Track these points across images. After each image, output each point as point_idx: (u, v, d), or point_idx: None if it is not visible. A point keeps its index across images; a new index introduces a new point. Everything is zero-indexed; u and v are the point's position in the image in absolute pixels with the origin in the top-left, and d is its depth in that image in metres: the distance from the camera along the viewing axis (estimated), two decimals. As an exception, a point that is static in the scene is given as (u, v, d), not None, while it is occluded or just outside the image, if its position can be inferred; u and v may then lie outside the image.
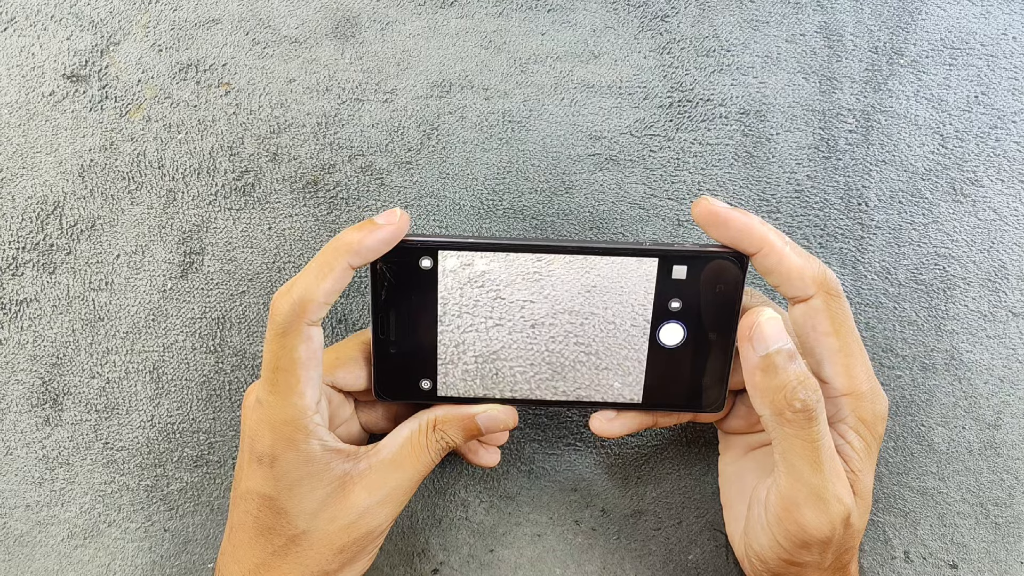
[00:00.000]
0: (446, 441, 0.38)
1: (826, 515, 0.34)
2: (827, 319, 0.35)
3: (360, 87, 0.44)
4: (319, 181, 0.44)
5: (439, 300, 0.36)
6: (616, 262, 0.36)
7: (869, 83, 0.44)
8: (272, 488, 0.35)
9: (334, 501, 0.36)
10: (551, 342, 0.37)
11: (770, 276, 0.35)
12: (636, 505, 0.45)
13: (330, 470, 0.36)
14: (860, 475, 0.35)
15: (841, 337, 0.35)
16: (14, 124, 0.44)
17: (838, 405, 0.35)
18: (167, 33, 0.44)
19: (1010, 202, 0.44)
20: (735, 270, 0.35)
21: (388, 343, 0.37)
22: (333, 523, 0.36)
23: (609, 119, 0.44)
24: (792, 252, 0.34)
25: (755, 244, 0.34)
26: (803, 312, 0.35)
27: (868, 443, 0.35)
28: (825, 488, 0.34)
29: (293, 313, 0.34)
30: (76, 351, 0.44)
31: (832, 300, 0.35)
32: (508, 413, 0.38)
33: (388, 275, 0.36)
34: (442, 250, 0.35)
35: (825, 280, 0.34)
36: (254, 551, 0.36)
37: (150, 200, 0.44)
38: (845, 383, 0.35)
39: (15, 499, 0.45)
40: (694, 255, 0.35)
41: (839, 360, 0.35)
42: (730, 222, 0.34)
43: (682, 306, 0.36)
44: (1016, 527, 0.45)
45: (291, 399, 0.35)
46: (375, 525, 0.37)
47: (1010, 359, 0.44)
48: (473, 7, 0.44)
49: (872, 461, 0.36)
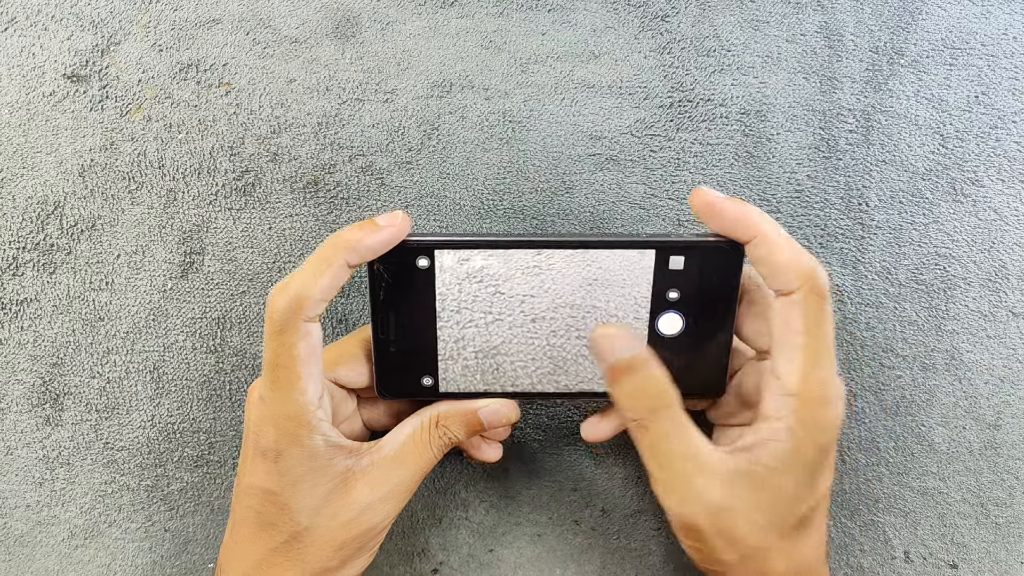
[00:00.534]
0: (449, 437, 0.38)
1: (684, 504, 0.34)
2: (801, 316, 0.34)
3: (360, 87, 0.44)
4: (319, 181, 0.44)
5: (437, 297, 0.36)
6: (614, 254, 0.36)
7: (870, 83, 0.44)
8: (275, 483, 0.35)
9: (336, 497, 0.36)
10: (551, 336, 0.37)
11: (759, 266, 0.34)
12: (636, 505, 0.45)
13: (333, 466, 0.36)
14: (769, 471, 0.34)
15: (809, 338, 0.34)
16: (14, 124, 0.44)
17: (782, 403, 0.34)
18: (167, 33, 0.44)
19: (1010, 202, 0.44)
20: (732, 259, 0.36)
21: (388, 342, 0.37)
22: (335, 519, 0.36)
23: (609, 119, 0.44)
24: (785, 245, 0.34)
25: (748, 233, 0.34)
26: (782, 304, 0.34)
27: (799, 446, 0.34)
28: (676, 479, 0.34)
29: (290, 310, 0.34)
30: (76, 351, 0.44)
31: (813, 299, 0.34)
32: (510, 407, 0.38)
33: (385, 275, 0.36)
34: (438, 249, 0.36)
35: (812, 277, 0.34)
36: (256, 546, 0.36)
37: (150, 200, 0.44)
38: (796, 384, 0.34)
39: (15, 499, 0.45)
40: (691, 245, 0.36)
41: (799, 360, 0.34)
42: (724, 211, 0.34)
43: (680, 296, 0.36)
44: (1016, 527, 0.45)
45: (293, 395, 0.35)
46: (377, 521, 0.37)
47: (1010, 359, 0.44)
48: (473, 7, 0.44)
49: (800, 466, 0.34)
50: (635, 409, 0.35)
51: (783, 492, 0.34)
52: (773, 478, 0.34)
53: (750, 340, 0.38)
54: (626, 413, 0.35)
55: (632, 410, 0.35)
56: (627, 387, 0.35)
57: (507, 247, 0.36)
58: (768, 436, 0.34)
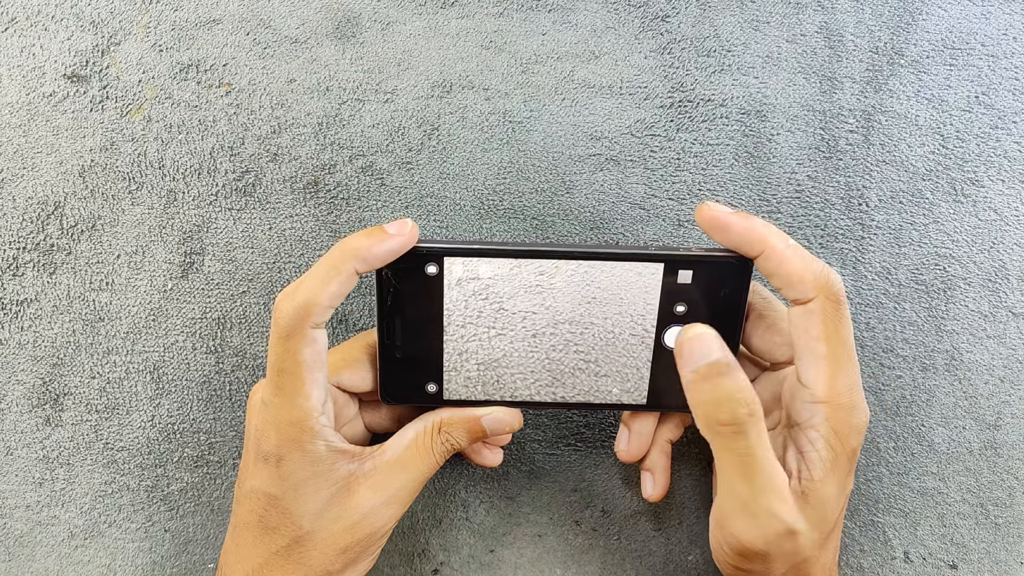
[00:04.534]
0: (451, 443, 0.38)
1: (757, 529, 0.34)
2: (820, 324, 0.34)
3: (361, 87, 0.44)
4: (320, 181, 0.44)
5: (444, 305, 0.36)
6: (622, 267, 0.36)
7: (870, 83, 0.44)
8: (277, 488, 0.35)
9: (339, 501, 0.36)
10: (551, 350, 0.37)
11: (771, 279, 0.35)
12: (636, 506, 0.45)
13: (335, 471, 0.36)
14: (819, 484, 0.34)
15: (831, 344, 0.34)
16: (14, 124, 0.44)
17: (814, 411, 0.35)
18: (168, 33, 0.44)
19: (1011, 202, 0.44)
20: (740, 273, 0.36)
21: (394, 347, 0.37)
22: (337, 523, 0.36)
23: (610, 119, 0.44)
24: (794, 255, 0.34)
25: (756, 247, 0.34)
26: (799, 314, 0.35)
27: (837, 454, 0.35)
28: (755, 502, 0.33)
29: (297, 316, 0.34)
30: (76, 351, 0.44)
31: (830, 306, 0.34)
32: (513, 415, 0.38)
33: (393, 281, 0.36)
34: (447, 256, 0.36)
35: (827, 284, 0.34)
36: (257, 550, 0.36)
37: (151, 200, 0.44)
38: (824, 391, 0.34)
39: (15, 499, 0.45)
40: (699, 260, 0.36)
41: (823, 367, 0.34)
42: (731, 227, 0.34)
43: (687, 310, 0.36)
44: (1016, 527, 0.45)
45: (296, 401, 0.35)
46: (379, 526, 0.36)
47: (1010, 359, 0.44)
48: (474, 7, 0.44)
49: (839, 472, 0.35)
50: (726, 416, 0.33)
51: (828, 502, 0.35)
52: (821, 490, 0.34)
53: (763, 353, 0.38)
54: (714, 419, 0.34)
55: (721, 417, 0.33)
56: (719, 392, 0.33)
57: (515, 256, 0.36)
58: (806, 448, 0.35)
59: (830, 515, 0.35)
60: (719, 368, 0.33)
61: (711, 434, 0.34)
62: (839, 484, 0.35)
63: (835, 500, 0.35)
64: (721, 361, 0.33)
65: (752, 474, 0.33)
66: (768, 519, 0.34)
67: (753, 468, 0.33)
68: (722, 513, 0.35)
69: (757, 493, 0.33)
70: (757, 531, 0.34)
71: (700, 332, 0.34)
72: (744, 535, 0.34)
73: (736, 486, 0.34)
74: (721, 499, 0.35)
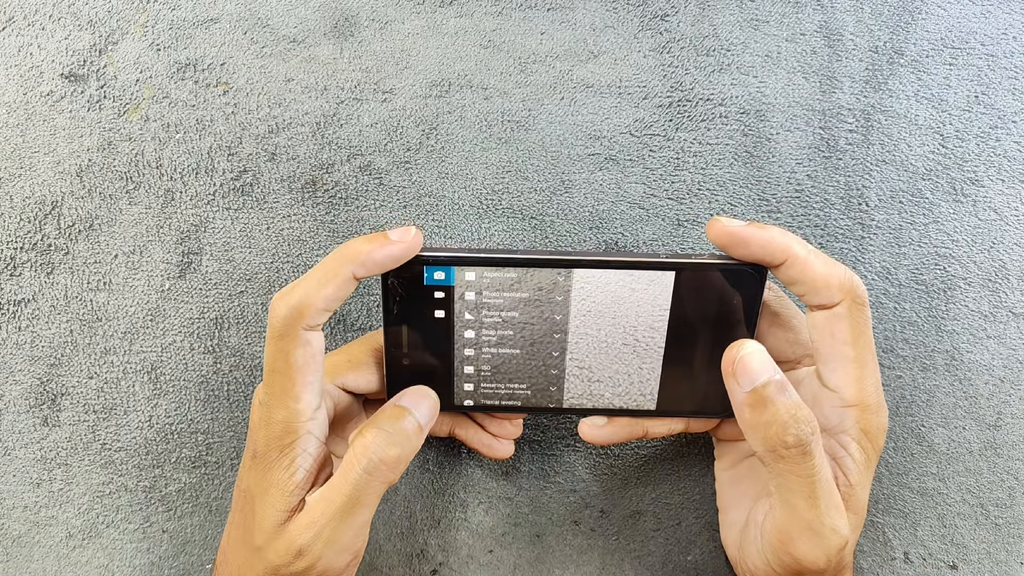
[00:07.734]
0: (370, 456, 0.34)
1: (821, 548, 0.33)
2: (848, 327, 0.34)
3: (359, 86, 0.44)
4: (318, 181, 0.44)
5: (451, 314, 0.36)
6: (633, 275, 0.36)
7: (869, 83, 0.44)
8: (257, 487, 0.35)
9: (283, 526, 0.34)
10: (561, 358, 0.37)
11: (795, 286, 0.34)
12: (635, 506, 0.45)
13: (295, 494, 0.34)
14: (856, 489, 0.34)
15: (858, 347, 0.34)
16: (12, 124, 0.44)
17: (844, 415, 0.35)
18: (165, 32, 0.44)
19: (1010, 202, 0.44)
20: (754, 281, 0.35)
21: (400, 355, 0.37)
22: (278, 552, 0.34)
23: (609, 119, 0.44)
24: (816, 261, 0.33)
25: (778, 257, 0.34)
26: (824, 318, 0.34)
27: (868, 455, 0.35)
28: (821, 522, 0.33)
29: (290, 317, 0.33)
30: (74, 351, 0.44)
31: (856, 308, 0.34)
32: (426, 394, 0.37)
33: (400, 290, 0.36)
34: (455, 266, 0.35)
35: (852, 288, 0.33)
36: (241, 550, 0.36)
37: (148, 200, 0.44)
38: (854, 394, 0.34)
39: (13, 500, 0.45)
40: (712, 267, 0.35)
41: (852, 370, 0.34)
42: (750, 240, 0.34)
43: (700, 317, 0.36)
44: (1016, 528, 0.45)
45: (286, 402, 0.34)
46: (323, 566, 0.34)
47: (1010, 359, 0.44)
48: (472, 6, 0.44)
49: (870, 473, 0.35)
50: (793, 438, 0.32)
51: (863, 504, 0.35)
52: (859, 495, 0.35)
53: (774, 352, 0.38)
54: (779, 442, 0.32)
55: (788, 440, 0.32)
56: (781, 413, 0.32)
57: (524, 265, 0.35)
58: (839, 453, 0.35)
59: (863, 517, 0.35)
60: (778, 387, 0.33)
61: (773, 457, 0.33)
62: (868, 486, 0.35)
63: (864, 501, 0.35)
64: (778, 380, 0.33)
65: (818, 495, 0.33)
66: (832, 536, 0.33)
67: (819, 488, 0.33)
68: (785, 535, 0.34)
69: (822, 513, 0.33)
70: (821, 550, 0.33)
71: (752, 350, 0.33)
72: (807, 556, 0.33)
73: (799, 507, 0.33)
74: (782, 521, 0.34)
